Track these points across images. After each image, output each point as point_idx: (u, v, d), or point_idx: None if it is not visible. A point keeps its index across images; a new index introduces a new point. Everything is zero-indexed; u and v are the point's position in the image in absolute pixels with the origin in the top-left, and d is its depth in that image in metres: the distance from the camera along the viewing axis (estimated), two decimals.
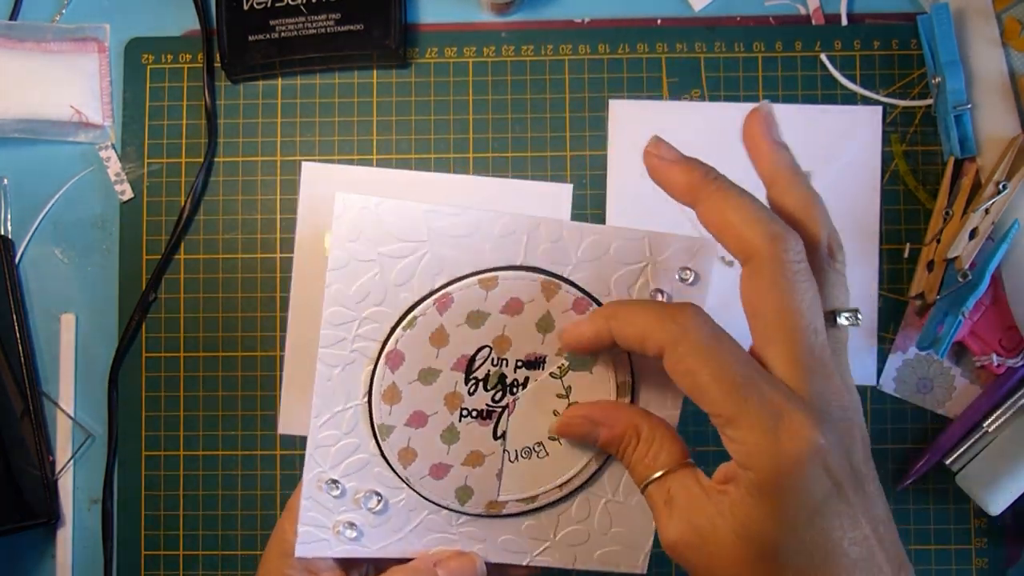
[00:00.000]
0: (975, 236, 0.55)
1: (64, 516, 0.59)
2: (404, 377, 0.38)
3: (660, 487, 0.34)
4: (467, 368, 0.38)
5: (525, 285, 0.37)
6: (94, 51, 0.60)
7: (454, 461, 0.40)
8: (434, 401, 0.39)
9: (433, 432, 0.39)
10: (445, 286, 0.37)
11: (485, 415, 0.39)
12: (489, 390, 0.39)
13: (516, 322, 0.38)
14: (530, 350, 0.38)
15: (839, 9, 0.59)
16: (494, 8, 0.59)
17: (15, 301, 0.59)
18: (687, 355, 0.32)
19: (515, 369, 0.38)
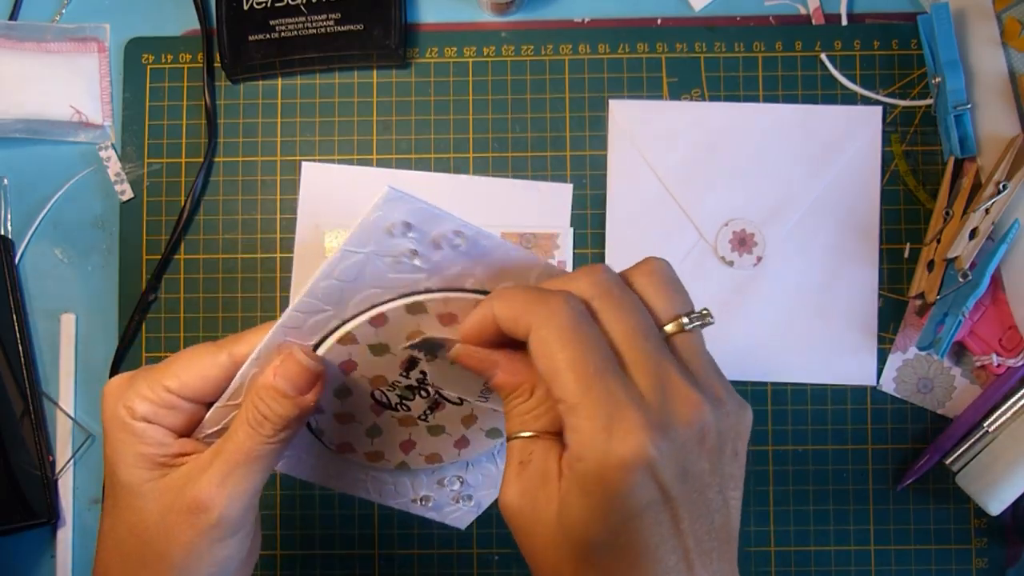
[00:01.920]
0: (975, 236, 0.55)
1: (64, 516, 0.59)
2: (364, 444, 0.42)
3: (525, 446, 0.34)
4: (385, 406, 0.40)
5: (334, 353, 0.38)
6: (94, 51, 0.60)
7: (459, 432, 0.42)
8: (397, 432, 0.42)
9: (426, 439, 0.42)
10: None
11: (434, 405, 0.41)
12: (414, 398, 0.40)
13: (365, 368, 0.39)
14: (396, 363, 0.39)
15: (839, 9, 0.59)
16: (494, 8, 0.59)
17: (15, 301, 0.59)
18: (548, 338, 0.31)
19: (407, 376, 0.39)
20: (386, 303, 0.37)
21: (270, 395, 0.37)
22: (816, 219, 0.58)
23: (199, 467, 0.38)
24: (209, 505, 0.37)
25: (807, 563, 0.58)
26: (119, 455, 0.38)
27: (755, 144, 0.58)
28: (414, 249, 0.35)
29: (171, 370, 0.39)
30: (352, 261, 0.36)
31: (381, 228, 0.35)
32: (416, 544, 0.59)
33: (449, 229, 0.35)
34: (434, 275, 0.36)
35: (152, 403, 0.38)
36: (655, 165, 0.59)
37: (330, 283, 0.36)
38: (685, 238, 0.58)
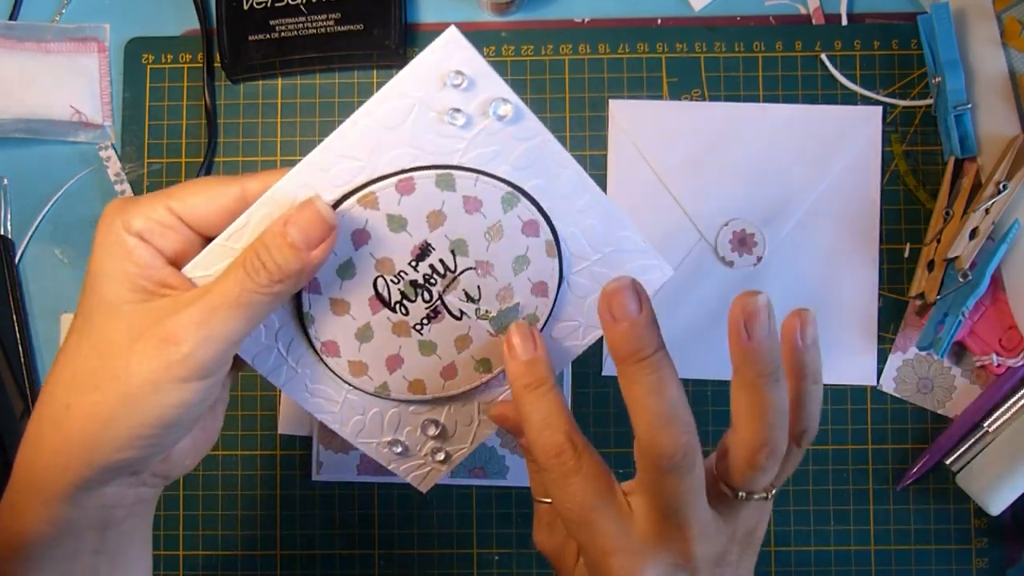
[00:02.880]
0: (975, 236, 0.55)
1: None
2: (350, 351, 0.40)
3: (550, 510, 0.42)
4: (383, 303, 0.39)
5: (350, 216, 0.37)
6: (94, 51, 0.60)
7: (450, 357, 0.41)
8: (389, 342, 0.40)
9: (415, 357, 0.41)
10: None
11: (433, 315, 0.40)
12: (415, 299, 0.39)
13: (375, 243, 0.38)
14: (409, 248, 0.38)
15: (839, 9, 0.59)
16: (494, 8, 0.59)
17: (15, 301, 0.59)
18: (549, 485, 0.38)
19: (415, 269, 0.39)
20: (417, 170, 0.37)
21: (276, 242, 0.35)
22: (816, 219, 0.58)
23: (182, 302, 0.35)
24: (182, 339, 0.34)
25: (807, 563, 0.58)
26: (104, 269, 0.36)
27: (755, 144, 0.58)
28: (459, 109, 0.36)
29: (177, 192, 0.37)
30: (398, 103, 0.36)
31: (435, 73, 0.35)
32: (416, 544, 0.59)
33: (498, 95, 0.36)
34: (471, 150, 0.37)
35: (150, 220, 0.36)
36: (655, 165, 0.59)
37: (370, 124, 0.36)
38: (685, 238, 0.58)
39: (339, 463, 0.58)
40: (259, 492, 0.59)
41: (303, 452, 0.59)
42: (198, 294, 0.35)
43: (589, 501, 0.36)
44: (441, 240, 0.38)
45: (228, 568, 0.59)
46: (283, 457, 0.59)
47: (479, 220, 0.38)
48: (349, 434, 0.43)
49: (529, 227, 0.39)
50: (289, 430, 0.59)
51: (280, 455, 0.59)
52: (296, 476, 0.59)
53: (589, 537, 0.37)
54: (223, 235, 0.37)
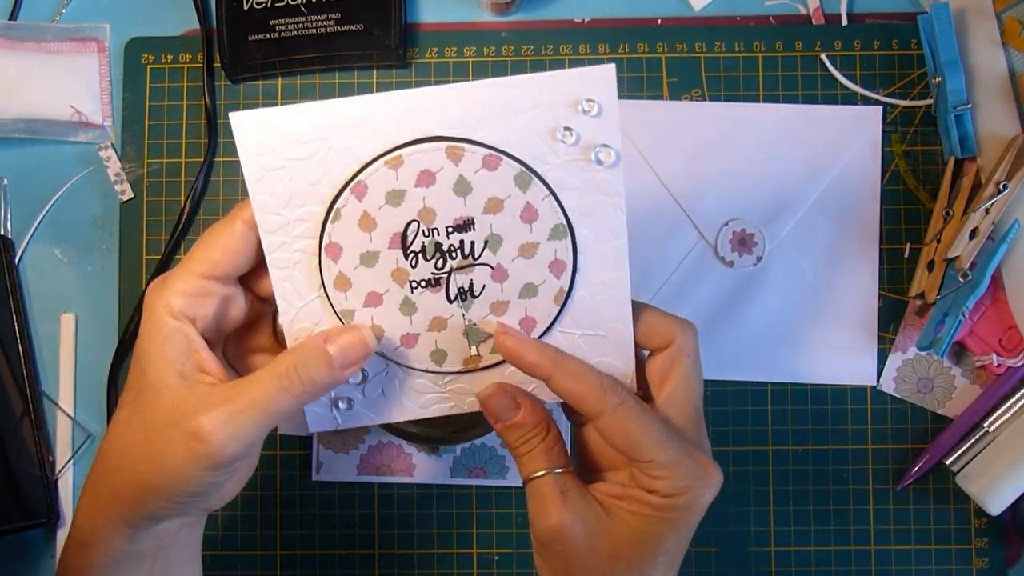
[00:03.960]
0: (975, 236, 0.55)
1: (64, 516, 0.59)
2: (348, 264, 0.40)
3: (559, 479, 0.40)
4: (402, 244, 0.40)
5: (430, 156, 0.39)
6: (94, 51, 0.60)
7: (420, 329, 0.41)
8: (382, 280, 0.40)
9: (392, 308, 0.41)
10: (356, 175, 0.39)
11: (434, 283, 0.41)
12: (429, 259, 0.40)
13: (433, 192, 0.39)
14: (456, 215, 0.39)
15: (839, 9, 0.59)
16: (494, 8, 0.59)
17: (15, 301, 0.59)
18: (626, 419, 0.39)
19: (448, 235, 0.40)
20: (509, 156, 0.38)
21: (315, 359, 0.39)
22: (816, 219, 0.58)
23: (215, 399, 0.38)
24: (209, 439, 0.37)
25: (807, 563, 0.58)
26: (149, 353, 0.39)
27: (755, 144, 0.58)
28: (571, 128, 0.38)
29: (196, 255, 0.40)
30: (530, 94, 0.38)
31: (576, 91, 0.38)
32: (416, 544, 0.59)
33: (607, 141, 0.38)
34: (556, 170, 0.39)
35: (188, 295, 0.39)
36: (655, 165, 0.59)
37: (496, 95, 0.38)
38: (685, 238, 0.58)
39: (339, 463, 0.58)
40: (259, 492, 0.59)
41: (303, 452, 0.59)
42: (230, 395, 0.38)
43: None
44: (484, 226, 0.40)
45: (228, 568, 0.59)
46: (283, 457, 0.59)
47: (524, 231, 0.40)
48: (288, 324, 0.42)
49: (556, 266, 0.40)
50: (289, 430, 0.59)
51: (280, 455, 0.59)
52: (296, 476, 0.59)
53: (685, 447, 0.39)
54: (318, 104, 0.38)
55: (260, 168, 0.39)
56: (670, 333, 0.41)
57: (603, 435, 0.40)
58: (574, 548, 0.39)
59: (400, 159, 0.39)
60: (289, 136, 0.38)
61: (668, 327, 0.41)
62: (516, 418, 0.41)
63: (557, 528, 0.39)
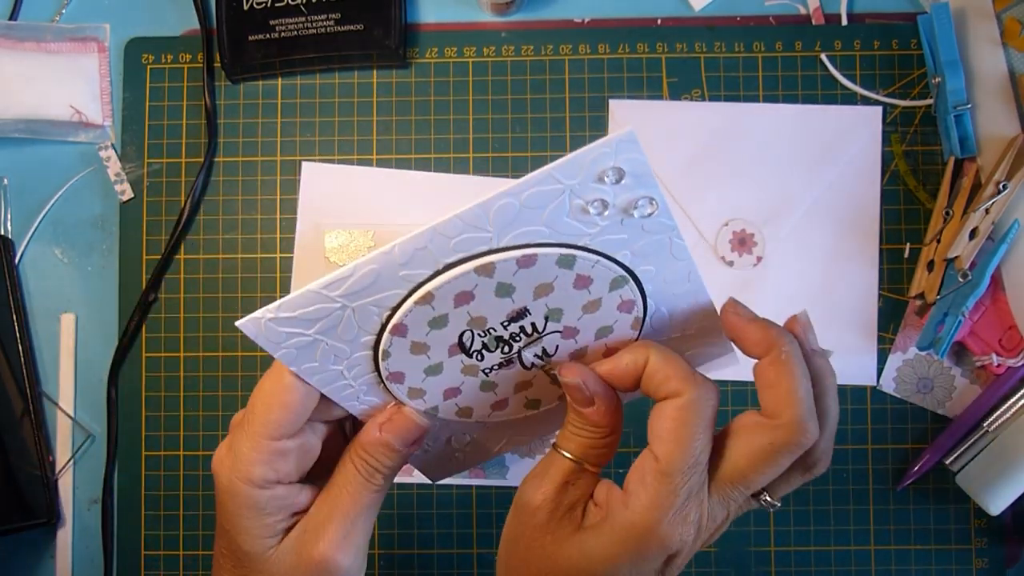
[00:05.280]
0: (975, 236, 0.55)
1: (64, 516, 0.59)
2: (415, 379, 0.40)
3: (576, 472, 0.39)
4: (462, 350, 0.39)
5: (461, 280, 0.37)
6: (94, 51, 0.60)
7: (507, 395, 0.42)
8: (454, 378, 0.40)
9: (473, 390, 0.41)
10: (388, 319, 0.37)
11: (506, 363, 0.40)
12: (495, 350, 0.40)
13: (476, 305, 0.38)
14: (507, 311, 0.38)
15: (839, 9, 0.59)
16: (494, 8, 0.59)
17: (15, 301, 0.59)
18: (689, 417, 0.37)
19: (505, 328, 0.39)
20: (543, 246, 0.37)
21: (380, 450, 0.40)
22: (816, 219, 0.58)
23: (318, 523, 0.40)
24: (337, 561, 0.39)
25: (807, 563, 0.58)
26: (241, 529, 0.39)
27: (755, 144, 0.58)
28: (606, 201, 0.36)
29: (258, 419, 0.39)
30: (548, 189, 0.35)
31: (597, 167, 0.35)
32: (416, 544, 0.59)
33: (648, 194, 0.36)
34: (601, 235, 0.37)
35: (265, 463, 0.39)
36: (655, 165, 0.59)
37: (512, 203, 0.35)
38: (685, 238, 0.58)
39: None
40: None
41: None
42: (327, 511, 0.40)
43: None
44: (539, 307, 0.39)
45: None
46: None
47: (582, 295, 0.39)
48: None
49: (625, 306, 0.40)
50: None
51: None
52: None
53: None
54: (321, 282, 0.36)
55: (292, 350, 0.38)
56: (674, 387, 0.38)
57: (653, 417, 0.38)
58: (525, 524, 0.39)
59: (430, 295, 0.37)
60: (302, 322, 0.37)
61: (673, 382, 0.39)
62: (586, 410, 0.39)
63: (528, 501, 0.39)
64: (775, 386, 0.37)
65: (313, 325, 0.37)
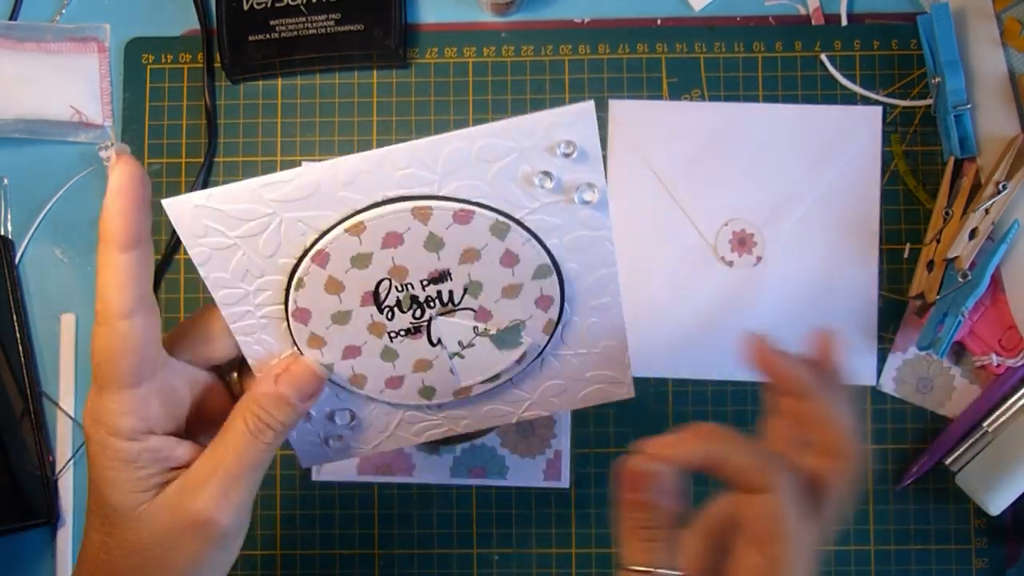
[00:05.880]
0: (975, 236, 0.55)
1: (64, 516, 0.59)
2: (320, 325, 0.39)
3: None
4: (375, 301, 0.38)
5: (395, 219, 0.36)
6: (94, 51, 0.60)
7: (404, 371, 0.40)
8: (359, 334, 0.39)
9: (372, 356, 0.40)
10: (314, 243, 0.37)
11: (414, 330, 0.39)
12: (406, 311, 0.39)
13: (403, 251, 0.37)
14: (430, 268, 0.38)
15: (839, 9, 0.59)
16: (494, 8, 0.59)
17: (15, 301, 0.59)
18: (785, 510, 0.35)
19: (423, 288, 0.38)
20: (482, 207, 0.36)
21: (274, 403, 0.38)
22: (816, 219, 0.58)
23: (197, 479, 0.37)
24: (215, 519, 0.37)
25: None
26: (108, 481, 0.37)
27: (755, 144, 0.58)
28: (551, 174, 0.36)
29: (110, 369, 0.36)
30: (501, 143, 0.35)
31: (552, 136, 0.35)
32: (416, 544, 0.59)
33: (591, 180, 0.36)
34: (537, 213, 0.37)
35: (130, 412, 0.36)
36: (655, 165, 0.59)
37: (464, 148, 0.35)
38: (685, 238, 0.58)
39: (339, 463, 0.58)
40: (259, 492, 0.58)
41: None
42: (210, 467, 0.37)
43: None
44: (462, 275, 0.38)
45: None
46: (283, 457, 0.59)
47: (506, 275, 0.38)
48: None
49: (543, 301, 0.39)
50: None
51: (280, 455, 0.59)
52: (296, 476, 0.59)
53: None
54: (260, 180, 0.35)
55: (207, 250, 0.36)
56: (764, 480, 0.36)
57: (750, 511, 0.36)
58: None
59: (361, 225, 0.36)
60: (232, 216, 0.36)
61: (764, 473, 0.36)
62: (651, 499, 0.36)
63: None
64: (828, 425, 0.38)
65: (238, 227, 0.36)
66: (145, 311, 0.35)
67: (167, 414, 0.38)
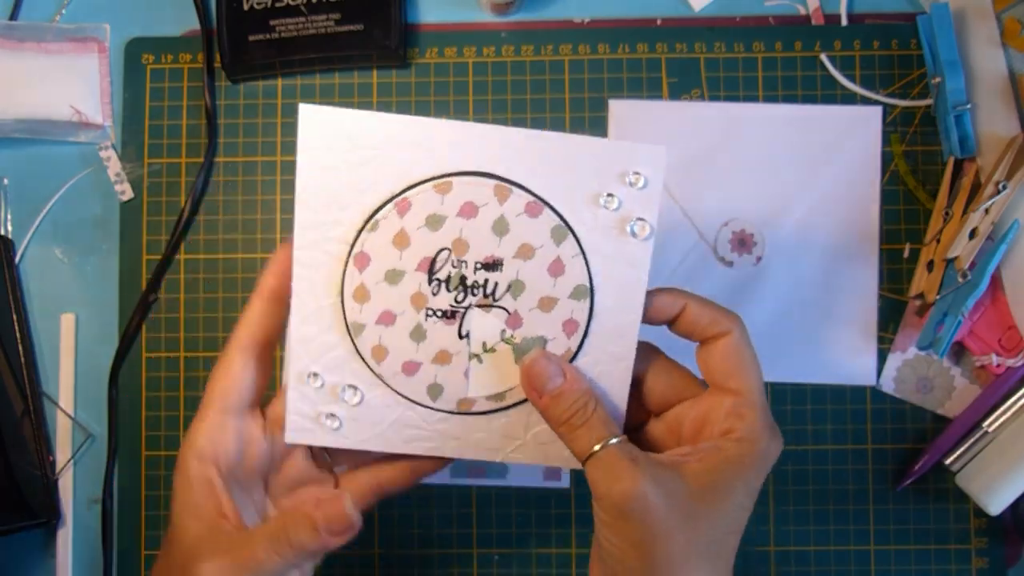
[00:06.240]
0: (975, 236, 0.55)
1: (64, 516, 0.59)
2: (372, 277, 0.40)
3: (623, 447, 0.39)
4: (430, 269, 0.40)
5: (478, 189, 0.39)
6: (94, 51, 0.60)
7: (423, 359, 0.41)
8: (401, 301, 0.41)
9: (402, 330, 0.41)
10: (403, 191, 0.39)
11: (449, 315, 0.41)
12: (451, 291, 0.40)
13: (472, 225, 0.40)
14: (488, 252, 0.40)
15: (839, 9, 0.59)
16: (494, 8, 0.59)
17: (15, 301, 0.59)
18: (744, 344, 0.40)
19: (475, 271, 0.40)
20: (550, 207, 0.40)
21: (304, 526, 0.40)
22: (816, 219, 0.58)
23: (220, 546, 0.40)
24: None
25: (807, 563, 0.58)
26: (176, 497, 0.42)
27: (755, 144, 0.59)
28: (614, 195, 0.40)
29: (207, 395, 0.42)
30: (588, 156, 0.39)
31: (629, 163, 0.39)
32: (416, 544, 0.59)
33: (644, 215, 0.40)
34: (592, 232, 0.40)
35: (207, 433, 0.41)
36: None
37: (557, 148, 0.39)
38: (685, 238, 0.58)
39: None
40: None
41: None
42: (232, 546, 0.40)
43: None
44: (512, 270, 0.40)
45: None
46: None
47: (548, 284, 0.40)
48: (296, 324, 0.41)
49: (570, 325, 0.41)
50: None
51: None
52: None
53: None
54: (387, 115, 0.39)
55: (315, 163, 0.39)
56: (725, 325, 0.41)
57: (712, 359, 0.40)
58: (655, 512, 0.37)
59: (449, 185, 0.39)
60: (350, 136, 0.39)
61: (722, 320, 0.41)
62: (563, 385, 0.40)
63: (637, 494, 0.37)
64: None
65: (349, 152, 0.39)
66: (258, 359, 0.42)
67: (238, 454, 0.42)
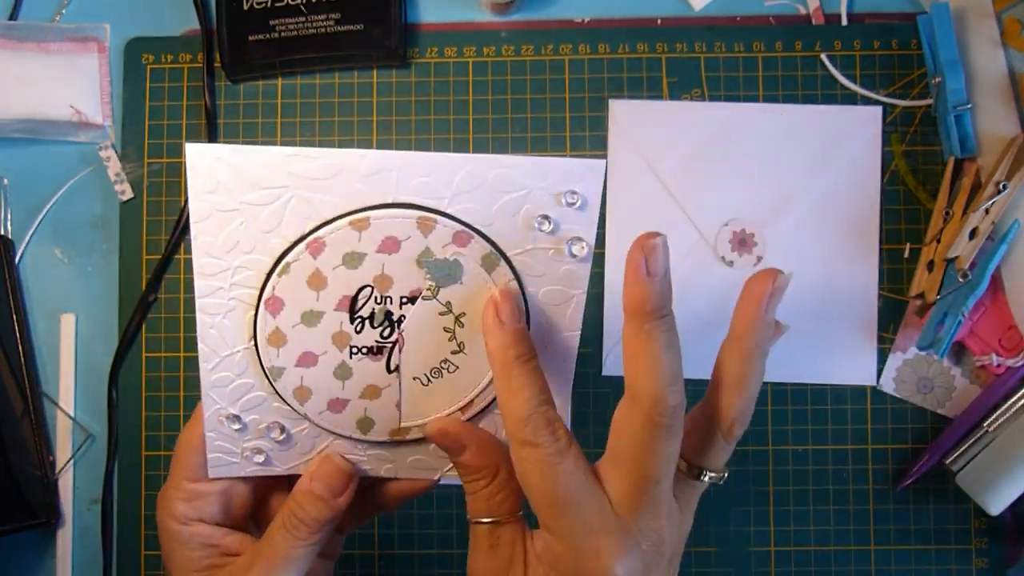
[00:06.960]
0: (975, 236, 0.55)
1: (64, 516, 0.59)
2: (287, 321, 0.38)
3: (493, 530, 0.39)
4: (350, 308, 0.38)
5: (400, 223, 0.37)
6: (94, 51, 0.60)
7: (351, 395, 0.40)
8: (322, 341, 0.39)
9: (325, 370, 0.39)
10: (315, 230, 0.37)
11: (376, 351, 0.39)
12: (376, 327, 0.38)
13: (395, 260, 0.37)
14: (413, 286, 0.38)
15: (839, 9, 0.59)
16: (494, 8, 0.59)
17: (15, 301, 0.59)
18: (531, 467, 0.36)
19: (400, 306, 0.38)
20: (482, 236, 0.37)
21: (307, 500, 0.40)
22: (816, 219, 0.58)
23: (239, 568, 0.40)
24: None
25: (807, 563, 0.58)
26: (171, 562, 0.42)
27: (755, 144, 0.59)
28: (548, 217, 0.37)
29: (178, 462, 0.42)
30: (518, 178, 0.36)
31: (562, 182, 0.36)
32: (416, 544, 0.59)
33: (581, 235, 0.37)
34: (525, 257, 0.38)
35: (186, 501, 0.42)
36: (655, 165, 0.59)
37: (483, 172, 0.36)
38: (685, 238, 0.58)
39: None
40: None
41: None
42: (251, 561, 0.40)
43: (578, 480, 0.35)
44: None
45: None
46: None
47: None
48: (207, 371, 0.40)
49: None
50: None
51: None
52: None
53: (575, 520, 0.35)
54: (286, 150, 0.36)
55: (209, 206, 0.36)
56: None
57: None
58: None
59: (367, 222, 0.36)
60: (248, 178, 0.36)
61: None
62: (461, 458, 0.40)
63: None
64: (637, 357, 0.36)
65: (248, 193, 0.36)
66: None
67: (222, 507, 0.42)
